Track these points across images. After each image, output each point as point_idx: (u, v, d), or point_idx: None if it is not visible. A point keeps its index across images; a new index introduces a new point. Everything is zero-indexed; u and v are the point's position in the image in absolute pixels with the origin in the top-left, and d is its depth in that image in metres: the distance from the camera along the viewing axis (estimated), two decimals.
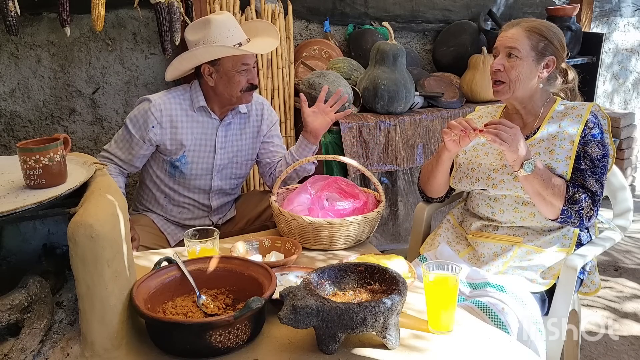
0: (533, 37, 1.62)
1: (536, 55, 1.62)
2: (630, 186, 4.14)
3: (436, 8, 3.56)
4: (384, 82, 2.66)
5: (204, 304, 1.26)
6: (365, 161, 2.70)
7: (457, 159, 1.81)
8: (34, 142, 1.24)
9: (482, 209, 1.73)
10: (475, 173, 1.73)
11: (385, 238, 2.88)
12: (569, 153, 1.60)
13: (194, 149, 2.00)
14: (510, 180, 1.64)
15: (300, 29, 3.24)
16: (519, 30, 1.64)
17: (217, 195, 2.12)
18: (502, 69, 1.64)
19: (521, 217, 1.66)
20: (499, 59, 1.66)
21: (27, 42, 2.61)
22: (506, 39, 1.65)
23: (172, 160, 1.99)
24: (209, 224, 2.11)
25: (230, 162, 2.08)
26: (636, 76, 4.78)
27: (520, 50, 1.62)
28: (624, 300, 2.71)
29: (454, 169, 1.82)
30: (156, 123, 1.92)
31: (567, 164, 1.60)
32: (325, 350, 1.14)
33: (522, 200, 1.65)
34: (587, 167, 1.60)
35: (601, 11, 4.32)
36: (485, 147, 1.75)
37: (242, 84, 1.93)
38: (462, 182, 1.77)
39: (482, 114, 1.87)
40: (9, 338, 1.13)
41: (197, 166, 2.02)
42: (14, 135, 2.70)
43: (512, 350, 1.20)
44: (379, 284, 1.26)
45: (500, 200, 1.69)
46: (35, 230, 1.32)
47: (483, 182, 1.70)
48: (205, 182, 2.06)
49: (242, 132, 2.09)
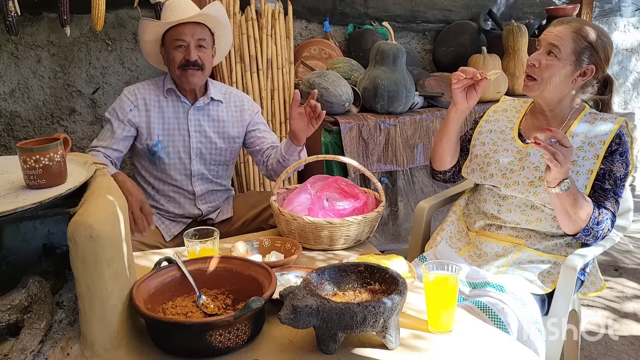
0: (579, 40, 1.54)
1: (576, 60, 1.55)
2: (630, 186, 4.14)
3: (436, 8, 3.56)
4: (384, 82, 2.66)
5: (204, 304, 1.26)
6: (365, 161, 2.70)
7: (474, 149, 1.79)
8: (34, 142, 1.24)
9: (489, 205, 1.71)
10: (490, 168, 1.70)
11: (385, 238, 2.88)
12: (592, 167, 1.57)
13: (167, 133, 2.06)
14: (525, 184, 1.62)
15: (300, 29, 3.24)
16: (567, 29, 1.55)
17: (199, 180, 2.13)
18: (538, 65, 1.58)
19: (527, 220, 1.64)
20: (538, 54, 1.59)
21: (27, 42, 2.61)
22: (551, 35, 1.57)
23: (150, 146, 2.04)
24: (197, 214, 2.14)
25: (209, 146, 2.12)
26: (636, 76, 4.78)
27: (561, 51, 1.54)
28: (624, 300, 2.71)
29: (468, 159, 1.80)
30: (133, 106, 2.02)
31: (588, 178, 1.57)
32: (325, 350, 1.14)
33: (532, 204, 1.63)
34: (610, 187, 1.56)
35: (601, 11, 4.32)
36: (506, 143, 1.72)
37: (177, 60, 1.99)
38: (475, 174, 1.75)
39: (507, 106, 1.82)
40: (9, 338, 1.13)
41: (174, 149, 2.07)
42: (14, 135, 2.70)
43: (512, 350, 1.20)
44: (379, 284, 1.26)
45: (509, 200, 1.67)
46: (35, 230, 1.32)
47: (497, 179, 1.67)
48: (186, 167, 2.10)
49: (218, 118, 2.13)
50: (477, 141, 1.80)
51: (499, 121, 1.79)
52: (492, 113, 1.84)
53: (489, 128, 1.80)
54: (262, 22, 2.75)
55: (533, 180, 1.62)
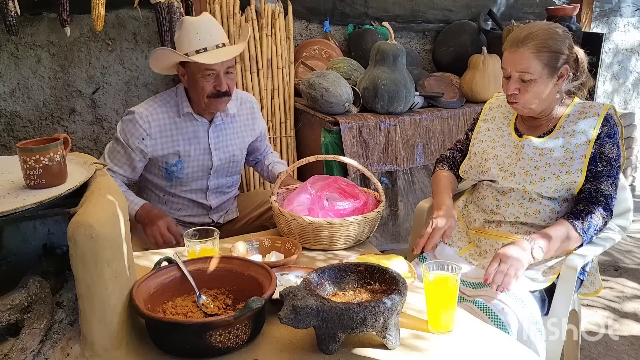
0: (542, 56, 1.57)
1: (550, 71, 1.58)
2: (630, 186, 4.14)
3: (436, 8, 3.56)
4: (384, 82, 2.66)
5: (204, 304, 1.26)
6: (365, 161, 2.70)
7: (472, 148, 1.82)
8: (34, 142, 1.24)
9: (488, 201, 1.73)
10: (488, 163, 1.74)
11: (385, 238, 2.88)
12: (585, 151, 1.61)
13: (188, 154, 1.99)
14: (521, 174, 1.66)
15: (300, 29, 3.24)
16: (526, 52, 1.57)
17: (214, 194, 2.12)
18: (518, 92, 1.62)
19: (525, 213, 1.66)
20: (513, 83, 1.62)
21: (27, 42, 2.61)
22: (515, 64, 1.60)
23: (168, 166, 1.99)
24: (209, 222, 2.12)
25: (228, 161, 2.08)
26: (636, 76, 4.78)
27: (533, 73, 1.57)
28: (624, 300, 2.71)
29: (466, 157, 1.83)
30: (145, 135, 1.91)
31: (582, 162, 1.60)
32: (325, 350, 1.14)
33: (529, 196, 1.65)
34: (604, 168, 1.60)
35: (601, 11, 4.32)
36: (503, 139, 1.76)
37: (207, 90, 1.88)
38: (473, 171, 1.78)
39: (502, 102, 1.85)
40: (9, 338, 1.13)
41: (194, 169, 2.03)
42: (14, 135, 2.70)
43: (512, 350, 1.20)
44: (379, 284, 1.26)
45: (508, 194, 1.69)
46: (35, 230, 1.32)
47: (495, 172, 1.71)
48: (202, 182, 2.07)
49: (234, 132, 2.09)
50: (476, 140, 1.83)
51: (496, 118, 1.83)
52: (488, 111, 1.87)
53: (487, 127, 1.84)
54: (262, 22, 2.75)
55: (528, 170, 1.65)
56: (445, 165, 1.92)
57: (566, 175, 1.61)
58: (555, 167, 1.63)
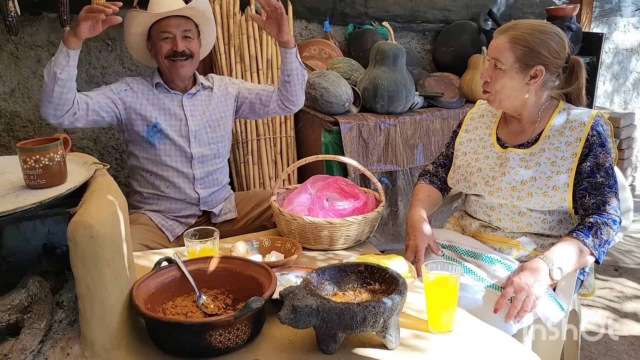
0: (516, 48, 1.55)
1: (521, 67, 1.56)
2: (630, 186, 4.14)
3: (436, 8, 3.56)
4: (384, 82, 2.66)
5: (204, 304, 1.26)
6: (365, 161, 2.70)
7: (456, 160, 1.79)
8: (34, 142, 1.24)
9: (480, 215, 1.73)
10: (473, 177, 1.71)
11: (385, 238, 2.88)
12: (571, 165, 1.57)
13: (164, 118, 2.10)
14: (508, 189, 1.62)
15: (300, 29, 3.24)
16: (503, 39, 1.57)
17: (199, 164, 2.14)
18: (490, 80, 1.61)
19: (518, 227, 1.65)
20: (487, 70, 1.62)
21: (27, 42, 2.61)
22: (492, 48, 1.60)
23: (149, 127, 2.06)
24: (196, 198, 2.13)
25: (204, 126, 2.14)
26: (636, 76, 4.78)
27: (504, 62, 1.56)
28: (624, 300, 2.71)
29: (451, 169, 1.81)
30: (128, 88, 2.07)
31: (569, 176, 1.56)
32: (325, 350, 1.15)
33: (519, 210, 1.64)
34: (603, 179, 1.55)
35: (601, 11, 4.32)
36: (486, 150, 1.73)
37: (164, 50, 2.02)
38: (460, 184, 1.76)
39: (483, 111, 1.83)
40: (9, 338, 1.13)
41: (172, 133, 2.09)
42: (14, 135, 2.70)
43: (512, 350, 1.20)
44: (379, 284, 1.26)
45: (497, 209, 1.67)
46: (35, 230, 1.32)
47: (480, 187, 1.68)
48: (185, 151, 2.11)
49: (210, 101, 2.17)
50: (459, 151, 1.80)
51: (477, 129, 1.80)
52: (470, 121, 1.84)
53: (469, 137, 1.80)
54: None
55: (515, 185, 1.62)
56: (427, 179, 1.87)
57: (553, 191, 1.57)
58: (542, 181, 1.58)
